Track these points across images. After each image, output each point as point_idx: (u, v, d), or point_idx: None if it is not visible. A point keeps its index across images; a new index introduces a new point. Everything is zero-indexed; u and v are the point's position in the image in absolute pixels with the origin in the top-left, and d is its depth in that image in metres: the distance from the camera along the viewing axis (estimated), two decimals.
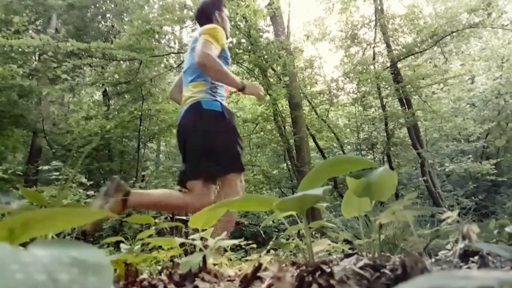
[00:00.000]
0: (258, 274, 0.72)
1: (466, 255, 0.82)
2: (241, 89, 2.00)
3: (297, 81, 8.19)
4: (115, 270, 0.86)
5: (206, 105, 1.89)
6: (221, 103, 1.96)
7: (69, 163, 5.78)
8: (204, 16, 2.19)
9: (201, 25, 2.18)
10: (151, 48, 7.12)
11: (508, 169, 10.95)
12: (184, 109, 1.95)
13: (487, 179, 9.74)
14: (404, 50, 8.89)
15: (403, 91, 8.57)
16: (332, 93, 9.79)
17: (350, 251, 1.08)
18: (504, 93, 10.36)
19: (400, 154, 10.36)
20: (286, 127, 8.06)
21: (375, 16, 9.68)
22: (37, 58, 9.33)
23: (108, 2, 10.57)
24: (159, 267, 1.05)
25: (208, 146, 1.85)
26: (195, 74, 1.97)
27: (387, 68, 9.17)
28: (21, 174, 6.54)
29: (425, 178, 8.41)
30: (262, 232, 7.08)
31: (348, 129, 10.81)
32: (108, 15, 10.93)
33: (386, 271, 0.62)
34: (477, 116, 11.29)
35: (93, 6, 10.47)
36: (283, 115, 8.18)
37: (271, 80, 7.74)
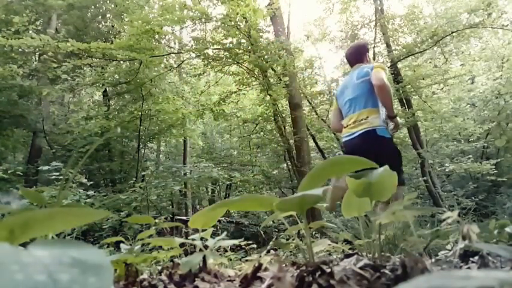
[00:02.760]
0: (258, 274, 0.72)
1: (466, 256, 0.82)
2: (394, 116, 2.45)
3: (297, 82, 8.18)
4: (115, 270, 0.86)
5: (380, 133, 2.35)
6: (388, 129, 2.41)
7: (70, 163, 5.78)
8: (357, 55, 2.74)
9: (352, 62, 2.76)
10: (151, 48, 7.11)
11: (508, 169, 10.94)
12: (359, 133, 2.39)
13: (487, 179, 9.73)
14: (404, 50, 8.88)
15: (403, 91, 8.57)
16: (332, 94, 9.79)
17: (350, 251, 1.08)
18: (504, 93, 10.35)
19: None
20: (286, 127, 8.06)
21: (375, 16, 9.68)
22: (37, 58, 9.34)
23: (108, 2, 10.57)
24: (159, 267, 1.05)
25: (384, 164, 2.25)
26: (369, 101, 2.42)
27: (387, 68, 9.16)
28: (21, 174, 6.53)
29: (425, 178, 8.40)
30: (262, 232, 7.07)
31: None
32: (108, 15, 10.93)
33: (387, 271, 0.62)
34: (477, 116, 11.28)
35: (93, 6, 10.47)
36: (283, 115, 8.18)
37: (271, 80, 7.74)
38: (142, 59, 6.90)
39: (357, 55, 2.75)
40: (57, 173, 5.15)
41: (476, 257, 0.79)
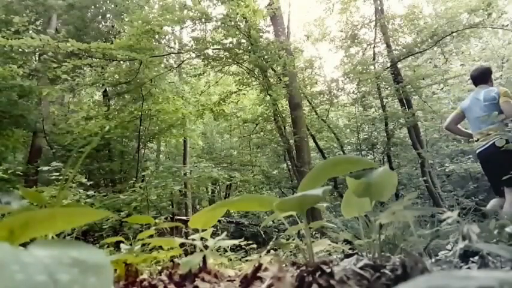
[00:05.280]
0: (258, 274, 0.72)
1: (466, 256, 0.82)
2: None
3: (297, 82, 8.19)
4: (115, 270, 0.86)
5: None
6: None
7: (69, 163, 5.78)
8: (482, 78, 3.22)
9: (476, 83, 3.25)
10: (151, 48, 7.11)
11: None
12: (490, 143, 2.98)
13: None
14: (404, 50, 8.88)
15: (403, 91, 8.57)
16: (332, 94, 9.80)
17: (350, 251, 1.08)
18: None
19: (400, 154, 10.35)
20: (286, 127, 8.06)
21: (375, 16, 9.68)
22: (37, 58, 9.33)
23: (108, 2, 10.57)
24: (159, 267, 1.05)
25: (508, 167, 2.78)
26: (491, 121, 2.87)
27: (387, 68, 9.16)
28: (21, 174, 6.53)
29: (425, 178, 8.40)
30: (262, 232, 7.08)
31: (348, 130, 10.81)
32: (108, 15, 10.92)
33: (387, 271, 0.62)
34: None
35: (93, 7, 10.47)
36: (283, 115, 8.18)
37: (271, 80, 7.74)
38: (142, 59, 6.90)
39: (482, 77, 3.23)
40: (57, 173, 5.14)
41: (476, 257, 0.79)
